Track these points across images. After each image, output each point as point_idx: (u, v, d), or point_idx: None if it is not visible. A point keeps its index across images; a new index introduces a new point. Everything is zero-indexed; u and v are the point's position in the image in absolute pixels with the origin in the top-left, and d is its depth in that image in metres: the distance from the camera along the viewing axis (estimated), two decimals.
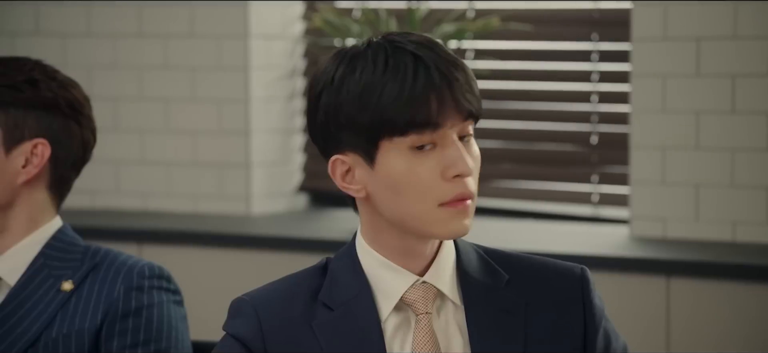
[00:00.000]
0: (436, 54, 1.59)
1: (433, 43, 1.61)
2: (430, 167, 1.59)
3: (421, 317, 1.63)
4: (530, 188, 3.81)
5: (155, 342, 2.00)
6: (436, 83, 1.57)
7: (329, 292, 1.65)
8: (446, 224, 1.60)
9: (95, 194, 4.10)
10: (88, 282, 2.03)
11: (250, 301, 1.66)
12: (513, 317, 1.64)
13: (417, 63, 1.57)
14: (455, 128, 1.59)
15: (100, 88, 4.06)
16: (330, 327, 1.63)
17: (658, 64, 3.44)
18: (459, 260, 1.67)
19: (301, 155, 4.11)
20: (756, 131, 3.35)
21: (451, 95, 1.57)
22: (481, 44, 3.82)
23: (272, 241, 3.62)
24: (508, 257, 1.70)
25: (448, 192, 1.59)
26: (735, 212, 3.38)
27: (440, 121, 1.58)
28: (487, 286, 1.66)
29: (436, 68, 1.57)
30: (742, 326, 3.18)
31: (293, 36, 4.05)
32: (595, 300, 1.70)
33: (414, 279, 1.64)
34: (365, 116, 1.58)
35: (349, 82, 1.60)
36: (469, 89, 1.59)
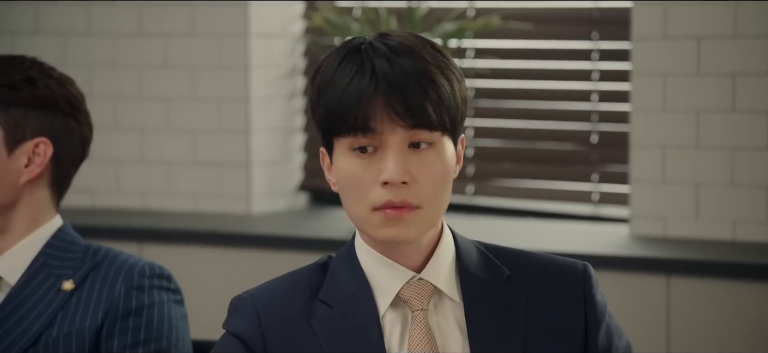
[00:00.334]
0: (398, 60, 1.58)
1: (406, 48, 1.59)
2: (368, 171, 1.60)
3: (417, 314, 1.63)
4: (530, 187, 3.81)
5: (156, 342, 2.00)
6: (373, 89, 1.57)
7: (329, 290, 1.66)
8: (379, 229, 1.60)
9: (95, 193, 4.10)
10: (88, 282, 2.03)
11: (250, 299, 1.67)
12: (513, 314, 1.64)
13: (363, 66, 1.58)
14: (397, 135, 1.58)
15: (100, 87, 4.06)
16: (329, 325, 1.63)
17: (658, 63, 3.44)
18: (459, 256, 1.67)
19: (301, 154, 4.11)
20: (756, 130, 3.35)
21: (391, 102, 1.57)
22: (482, 43, 3.82)
23: (272, 240, 3.62)
24: (509, 253, 1.70)
25: (379, 198, 1.59)
26: (735, 211, 3.38)
27: (375, 126, 1.58)
28: (487, 282, 1.66)
29: (382, 74, 1.57)
30: (742, 325, 3.18)
31: (293, 35, 4.04)
32: (597, 296, 1.69)
33: (410, 275, 1.64)
34: (318, 112, 1.62)
35: (318, 77, 1.64)
36: (421, 99, 1.57)
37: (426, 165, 1.60)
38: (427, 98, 1.58)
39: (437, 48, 1.63)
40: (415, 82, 1.58)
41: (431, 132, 1.59)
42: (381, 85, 1.58)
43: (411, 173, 1.59)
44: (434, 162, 1.60)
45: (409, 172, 1.59)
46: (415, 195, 1.59)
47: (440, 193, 1.61)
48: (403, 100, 1.57)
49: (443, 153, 1.61)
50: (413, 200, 1.59)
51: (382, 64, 1.58)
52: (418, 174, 1.59)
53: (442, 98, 1.59)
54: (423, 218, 1.60)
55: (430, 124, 1.58)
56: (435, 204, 1.61)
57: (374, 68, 1.59)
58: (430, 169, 1.60)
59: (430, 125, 1.58)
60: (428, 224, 1.62)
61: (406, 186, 1.59)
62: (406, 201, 1.59)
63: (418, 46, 1.61)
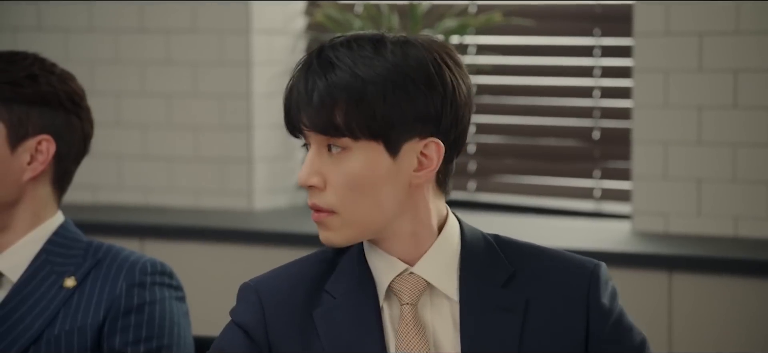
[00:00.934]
0: (321, 70, 1.61)
1: (343, 56, 1.60)
2: None
3: (405, 308, 1.62)
4: (532, 183, 3.81)
5: (157, 339, 2.00)
6: (296, 89, 1.62)
7: (335, 280, 1.66)
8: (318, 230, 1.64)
9: (97, 189, 4.10)
10: (90, 279, 2.03)
11: (255, 287, 1.68)
12: (511, 315, 1.62)
13: (304, 65, 1.63)
14: (314, 138, 1.62)
15: (102, 83, 4.07)
16: (330, 317, 1.63)
17: (660, 59, 3.44)
18: (463, 252, 1.65)
19: (303, 150, 4.10)
20: (757, 126, 3.35)
21: (302, 108, 1.61)
22: (483, 39, 3.82)
23: (274, 236, 3.62)
24: (520, 250, 1.67)
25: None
26: (737, 207, 3.38)
27: (298, 127, 1.63)
28: (487, 281, 1.64)
29: (303, 82, 1.61)
30: (743, 321, 3.19)
31: (295, 31, 4.04)
32: (603, 300, 1.65)
33: (401, 268, 1.64)
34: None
35: None
36: (327, 108, 1.59)
37: (337, 170, 1.60)
38: (332, 106, 1.58)
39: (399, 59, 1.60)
40: (322, 93, 1.59)
41: (338, 138, 1.59)
42: (293, 95, 1.62)
43: (324, 177, 1.61)
44: (347, 167, 1.60)
45: (322, 175, 1.61)
46: (325, 199, 1.61)
47: (355, 197, 1.60)
48: (306, 110, 1.60)
49: (360, 159, 1.60)
50: (323, 204, 1.61)
51: (300, 78, 1.62)
52: (330, 178, 1.61)
53: (360, 104, 1.58)
54: (343, 223, 1.61)
55: (334, 130, 1.59)
56: (353, 209, 1.60)
57: (296, 80, 1.63)
58: (341, 174, 1.60)
59: (335, 132, 1.59)
60: (352, 229, 1.61)
61: (319, 190, 1.61)
62: (315, 204, 1.61)
63: (355, 56, 1.60)
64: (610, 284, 1.67)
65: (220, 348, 1.66)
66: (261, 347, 1.64)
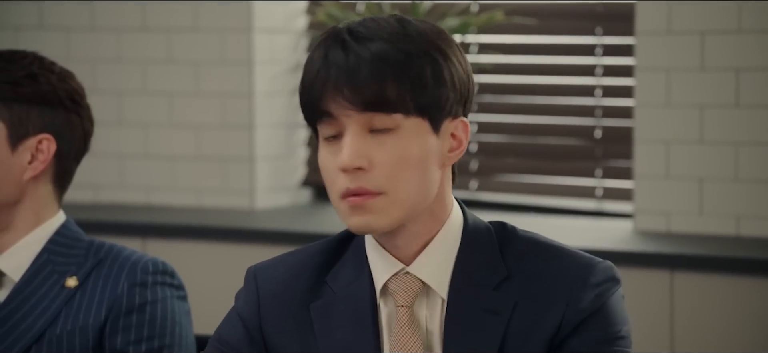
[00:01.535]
0: (359, 45, 1.53)
1: (377, 33, 1.54)
2: (333, 158, 1.56)
3: (400, 310, 1.59)
4: (534, 182, 3.81)
5: (159, 338, 2.00)
6: (324, 77, 1.53)
7: (336, 272, 1.63)
8: (347, 217, 1.56)
9: (99, 188, 4.10)
10: (92, 278, 2.03)
11: (256, 275, 1.67)
12: (496, 317, 1.56)
13: (326, 49, 1.55)
14: (352, 119, 1.53)
15: (103, 82, 4.06)
16: (326, 312, 1.61)
17: (661, 58, 3.43)
18: (461, 250, 1.60)
19: (305, 149, 4.11)
20: (760, 125, 3.34)
21: (343, 83, 1.52)
22: (485, 38, 3.82)
23: (276, 235, 3.62)
24: (522, 246, 1.61)
25: (341, 185, 1.55)
26: (739, 206, 3.37)
27: (332, 111, 1.54)
28: (478, 282, 1.58)
29: (340, 60, 1.53)
30: (745, 320, 3.18)
31: (297, 30, 4.04)
32: (583, 304, 1.55)
33: (398, 267, 1.59)
34: (300, 100, 1.60)
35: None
36: (377, 82, 1.51)
37: (384, 149, 1.53)
38: (382, 79, 1.52)
39: (422, 31, 1.56)
40: (370, 65, 1.52)
41: (389, 115, 1.53)
42: (331, 71, 1.53)
43: (368, 158, 1.53)
44: (395, 146, 1.53)
45: (366, 156, 1.53)
46: (373, 180, 1.53)
47: (407, 177, 1.54)
48: (352, 83, 1.52)
49: (409, 136, 1.54)
50: (370, 186, 1.53)
51: (336, 52, 1.54)
52: (375, 158, 1.53)
53: (410, 78, 1.52)
54: (390, 204, 1.54)
55: (386, 106, 1.52)
56: (402, 189, 1.54)
57: (329, 56, 1.54)
58: (390, 152, 1.53)
59: (386, 108, 1.52)
60: (399, 210, 1.54)
61: (363, 172, 1.53)
62: (362, 187, 1.53)
63: (386, 30, 1.54)
64: (605, 287, 1.57)
65: (220, 333, 1.67)
66: (255, 338, 1.64)
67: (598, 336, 1.56)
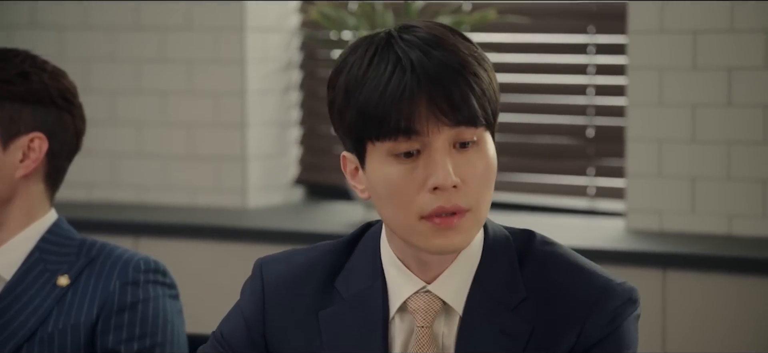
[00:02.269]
0: (435, 52, 1.47)
1: (439, 39, 1.49)
2: (412, 177, 1.48)
3: (419, 330, 1.54)
4: (526, 181, 3.81)
5: (151, 337, 2.00)
6: (411, 88, 1.45)
7: (346, 278, 1.59)
8: (428, 239, 1.49)
9: (91, 187, 4.10)
10: (83, 277, 2.03)
11: (263, 275, 1.62)
12: (512, 341, 1.52)
13: (397, 64, 1.46)
14: (442, 135, 1.47)
15: (96, 81, 4.06)
16: (335, 321, 1.57)
17: (654, 57, 3.44)
18: (480, 269, 1.55)
19: (297, 147, 4.11)
20: (752, 124, 3.35)
21: (432, 100, 1.45)
22: (478, 37, 3.82)
23: (268, 234, 3.62)
24: (544, 263, 1.55)
25: (427, 205, 1.48)
26: (731, 205, 3.38)
27: (417, 128, 1.46)
28: (495, 303, 1.53)
29: (421, 71, 1.46)
30: (738, 319, 3.19)
31: (290, 29, 4.04)
32: (597, 330, 1.51)
33: (419, 285, 1.55)
34: (347, 115, 1.50)
35: (342, 76, 1.51)
36: (465, 94, 1.47)
37: (472, 165, 1.49)
38: (471, 91, 1.47)
39: (463, 35, 1.53)
40: (457, 75, 1.46)
41: (476, 128, 1.48)
42: (424, 82, 1.45)
43: (459, 175, 1.48)
44: (480, 160, 1.49)
45: (459, 173, 1.48)
46: (466, 198, 1.48)
47: (488, 193, 1.51)
48: (448, 96, 1.46)
49: (487, 149, 1.51)
50: (464, 204, 1.48)
51: (420, 58, 1.46)
52: (466, 175, 1.48)
53: (484, 90, 1.49)
54: (474, 221, 1.50)
55: (475, 120, 1.47)
56: (485, 204, 1.50)
57: (413, 64, 1.46)
58: (477, 168, 1.49)
59: (475, 121, 1.47)
60: (478, 226, 1.51)
61: (456, 190, 1.47)
62: (458, 206, 1.47)
63: (448, 36, 1.50)
64: (620, 311, 1.53)
65: (223, 330, 1.63)
66: (257, 342, 1.61)
67: None
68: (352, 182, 1.56)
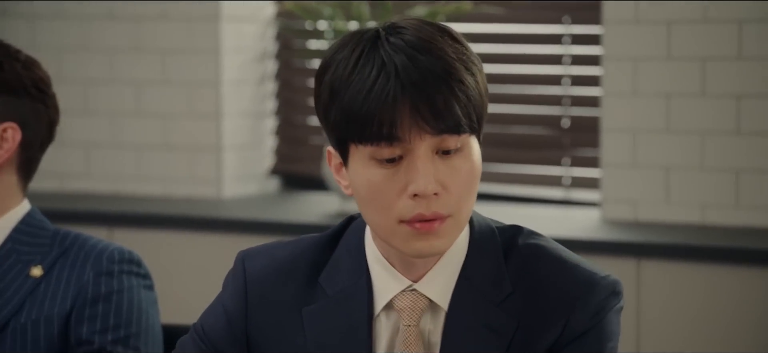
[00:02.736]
0: (421, 58, 1.46)
1: (426, 43, 1.47)
2: (393, 181, 1.48)
3: (405, 329, 1.54)
4: (502, 171, 3.82)
5: (125, 327, 1.99)
6: (394, 94, 1.44)
7: (330, 274, 1.58)
8: (408, 243, 1.49)
9: (65, 177, 4.08)
10: (57, 268, 2.02)
11: (246, 269, 1.61)
12: (497, 336, 1.52)
13: (382, 69, 1.45)
14: (424, 142, 1.46)
15: (70, 70, 4.04)
16: (319, 317, 1.56)
17: (629, 47, 3.45)
18: (465, 265, 1.55)
19: (273, 138, 4.10)
20: (726, 114, 3.37)
21: (415, 107, 1.44)
22: (454, 27, 3.81)
23: (243, 224, 3.61)
24: (529, 257, 1.55)
25: (407, 211, 1.48)
26: (704, 194, 3.40)
27: (399, 134, 1.45)
28: (482, 297, 1.54)
29: (405, 77, 1.44)
30: (711, 307, 3.21)
31: (264, 19, 4.03)
32: (580, 324, 1.52)
33: (405, 284, 1.54)
34: (332, 114, 1.49)
35: (328, 73, 1.50)
36: (449, 102, 1.45)
37: (455, 172, 1.48)
38: (454, 100, 1.45)
39: (453, 35, 1.51)
40: (441, 83, 1.44)
41: (459, 136, 1.47)
42: (407, 89, 1.44)
43: (441, 182, 1.47)
44: (463, 167, 1.49)
45: (440, 181, 1.47)
46: (446, 205, 1.48)
47: (470, 197, 1.50)
48: (432, 104, 1.44)
49: (471, 155, 1.50)
50: (444, 211, 1.48)
51: (405, 64, 1.44)
52: (447, 182, 1.48)
53: (469, 96, 1.47)
54: (454, 226, 1.50)
55: (458, 128, 1.46)
56: (466, 209, 1.50)
57: (397, 69, 1.44)
58: (460, 175, 1.48)
59: (458, 129, 1.46)
60: (459, 230, 1.51)
61: (436, 196, 1.47)
62: (438, 213, 1.47)
63: (437, 39, 1.48)
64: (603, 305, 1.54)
65: (204, 323, 1.62)
66: (238, 339, 1.60)
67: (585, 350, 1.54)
68: (336, 177, 1.56)
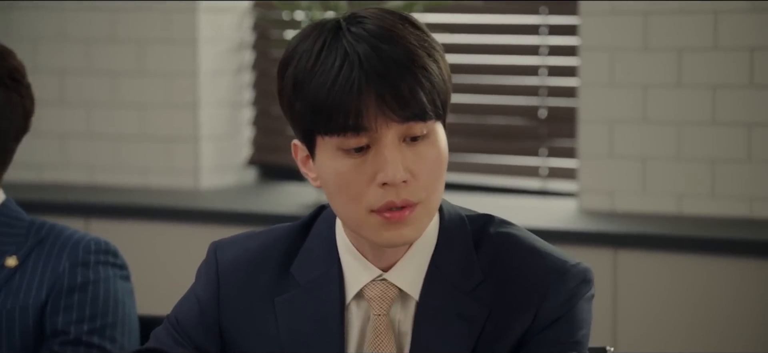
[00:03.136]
0: (383, 46, 1.46)
1: (388, 32, 1.47)
2: (361, 171, 1.48)
3: (376, 318, 1.54)
4: (479, 162, 3.82)
5: (101, 317, 1.98)
6: (359, 84, 1.44)
7: (301, 264, 1.58)
8: (379, 232, 1.49)
9: (41, 167, 4.06)
10: (32, 258, 2.01)
11: (218, 259, 1.61)
12: (468, 325, 1.52)
13: (345, 59, 1.45)
14: (391, 130, 1.46)
15: (45, 60, 4.02)
16: (291, 307, 1.57)
17: (605, 38, 3.45)
18: (435, 253, 1.55)
19: (250, 128, 4.09)
20: (702, 104, 3.38)
21: (381, 96, 1.44)
22: (431, 17, 3.82)
23: (221, 215, 3.61)
24: (500, 246, 1.56)
25: (377, 200, 1.48)
26: (680, 185, 3.41)
27: (365, 124, 1.45)
28: (453, 286, 1.54)
29: (368, 66, 1.44)
30: (687, 297, 3.22)
31: (241, 8, 4.02)
32: (552, 312, 1.52)
33: (375, 274, 1.55)
34: (297, 107, 1.49)
35: (291, 66, 1.50)
36: (414, 89, 1.45)
37: (423, 158, 1.48)
38: (419, 87, 1.45)
39: (414, 23, 1.51)
40: (405, 70, 1.45)
41: (425, 122, 1.47)
42: (372, 78, 1.44)
43: (409, 170, 1.48)
44: (430, 153, 1.49)
45: (408, 168, 1.47)
46: (416, 192, 1.48)
47: (439, 184, 1.51)
48: (397, 92, 1.44)
49: (437, 141, 1.50)
50: (414, 198, 1.48)
51: (368, 54, 1.45)
52: (415, 169, 1.48)
53: (433, 83, 1.47)
54: (424, 214, 1.50)
55: (424, 115, 1.46)
56: (436, 195, 1.51)
57: (361, 59, 1.45)
58: (428, 161, 1.48)
59: (424, 116, 1.46)
60: (430, 217, 1.51)
61: (405, 184, 1.47)
62: (407, 201, 1.47)
63: (398, 28, 1.48)
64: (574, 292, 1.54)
65: (178, 313, 1.62)
66: (211, 329, 1.60)
67: (557, 338, 1.54)
68: (303, 170, 1.56)
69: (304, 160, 1.55)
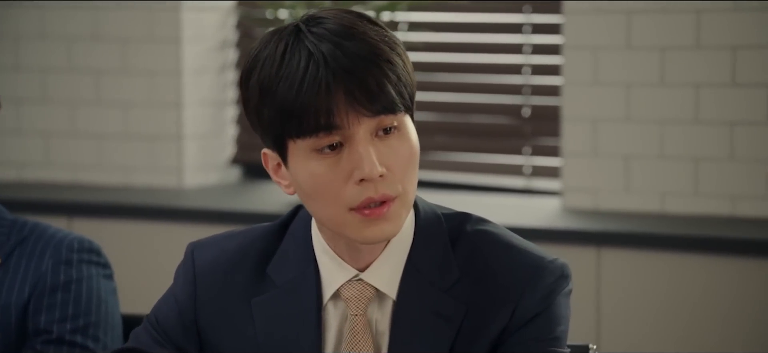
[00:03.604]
0: (347, 43, 1.46)
1: (349, 29, 1.48)
2: (337, 170, 1.48)
3: (352, 319, 1.55)
4: (463, 160, 3.82)
5: (84, 316, 1.98)
6: (327, 82, 1.44)
7: (278, 264, 1.59)
8: (359, 230, 1.49)
9: (24, 166, 4.04)
10: (15, 256, 2.00)
11: (195, 260, 1.62)
12: (446, 323, 1.53)
13: (310, 59, 1.45)
14: (362, 125, 1.46)
15: (28, 58, 4.01)
16: (268, 308, 1.57)
17: (589, 36, 3.46)
18: (412, 251, 1.56)
19: (234, 127, 4.08)
20: (685, 102, 3.39)
21: (350, 92, 1.44)
22: (415, 16, 3.82)
23: (204, 214, 3.60)
24: (477, 243, 1.56)
25: (356, 197, 1.48)
26: (664, 183, 3.42)
27: (337, 122, 1.45)
28: (430, 284, 1.55)
29: (334, 64, 1.45)
30: (670, 295, 3.23)
31: (225, 7, 4.01)
32: (530, 308, 1.52)
33: (352, 274, 1.55)
34: (265, 114, 1.49)
35: (254, 74, 1.50)
36: (381, 82, 1.46)
37: (395, 152, 1.49)
38: (386, 79, 1.46)
39: (372, 20, 1.52)
40: (371, 65, 1.46)
41: (395, 115, 1.48)
42: (339, 75, 1.44)
43: (384, 163, 1.48)
44: (402, 146, 1.49)
45: (382, 163, 1.48)
46: (393, 185, 1.48)
47: (413, 177, 1.51)
48: (365, 87, 1.45)
49: (408, 134, 1.51)
50: (392, 191, 1.48)
51: (332, 52, 1.45)
52: (390, 163, 1.48)
53: (399, 75, 1.48)
54: (401, 207, 1.50)
55: (394, 107, 1.47)
56: (411, 188, 1.51)
57: (326, 58, 1.45)
58: (401, 154, 1.49)
59: (394, 108, 1.47)
60: (407, 210, 1.52)
61: (382, 178, 1.48)
62: (386, 194, 1.48)
63: (358, 24, 1.48)
64: (552, 288, 1.54)
65: (157, 313, 1.63)
66: (189, 328, 1.61)
67: (536, 335, 1.54)
68: (275, 178, 1.55)
69: (275, 168, 1.55)
